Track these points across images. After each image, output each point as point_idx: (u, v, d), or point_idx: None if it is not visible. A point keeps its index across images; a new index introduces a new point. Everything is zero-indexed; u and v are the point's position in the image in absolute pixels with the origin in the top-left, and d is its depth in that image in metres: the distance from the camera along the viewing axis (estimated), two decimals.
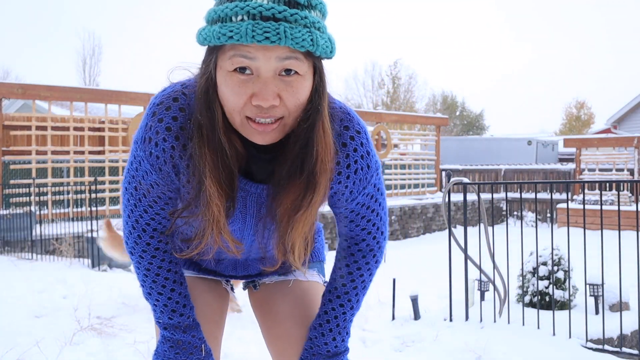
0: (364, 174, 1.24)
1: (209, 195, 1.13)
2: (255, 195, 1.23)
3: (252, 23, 1.00)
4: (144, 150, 1.18)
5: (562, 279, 4.37)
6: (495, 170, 16.55)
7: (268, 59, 1.03)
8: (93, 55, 29.76)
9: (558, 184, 13.25)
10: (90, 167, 9.55)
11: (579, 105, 39.71)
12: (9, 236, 7.21)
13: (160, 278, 1.30)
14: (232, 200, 1.18)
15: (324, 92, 1.12)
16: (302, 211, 1.17)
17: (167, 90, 1.19)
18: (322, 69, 1.12)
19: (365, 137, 1.24)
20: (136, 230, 1.27)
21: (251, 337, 3.54)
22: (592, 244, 3.92)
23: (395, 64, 37.86)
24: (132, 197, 1.24)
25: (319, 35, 1.05)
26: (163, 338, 1.33)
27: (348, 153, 1.21)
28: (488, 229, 4.03)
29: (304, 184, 1.14)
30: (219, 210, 1.15)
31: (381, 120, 13.70)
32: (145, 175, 1.20)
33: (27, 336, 3.40)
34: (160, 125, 1.15)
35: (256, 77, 1.05)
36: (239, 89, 1.05)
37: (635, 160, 13.57)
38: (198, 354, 1.32)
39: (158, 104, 1.17)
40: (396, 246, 10.82)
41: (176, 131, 1.15)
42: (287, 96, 1.06)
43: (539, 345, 3.53)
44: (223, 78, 1.06)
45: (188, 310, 1.32)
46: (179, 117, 1.15)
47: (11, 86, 8.96)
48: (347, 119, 1.22)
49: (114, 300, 4.47)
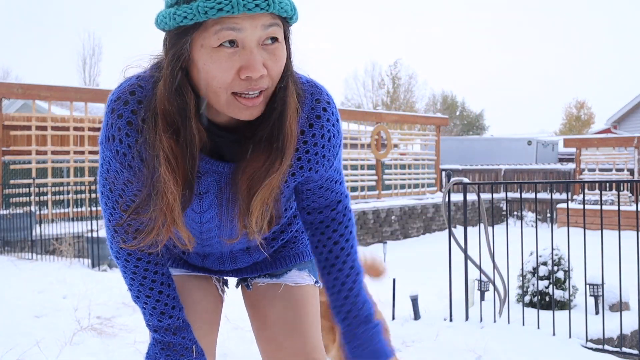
0: (336, 140, 1.27)
1: (164, 183, 1.10)
2: (229, 175, 1.21)
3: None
4: (110, 149, 1.15)
5: (562, 279, 4.37)
6: (495, 170, 16.55)
7: (254, 28, 1.03)
8: (93, 55, 29.79)
9: (558, 184, 13.25)
10: (90, 167, 9.54)
11: (579, 105, 39.73)
12: (9, 236, 7.20)
13: (147, 281, 1.29)
14: (190, 188, 1.15)
15: (292, 59, 1.16)
16: (269, 178, 1.16)
17: (122, 85, 1.16)
18: (290, 35, 1.14)
19: (334, 106, 1.27)
20: (118, 234, 1.24)
21: (251, 337, 3.54)
22: (592, 244, 3.91)
23: (395, 64, 37.91)
24: (109, 199, 1.22)
25: (293, 0, 1.09)
26: (154, 340, 1.31)
27: (322, 124, 1.24)
28: (488, 229, 4.03)
29: (274, 151, 1.15)
30: (175, 199, 1.12)
31: (381, 120, 13.69)
32: (117, 175, 1.18)
33: (27, 336, 3.40)
34: (120, 121, 1.13)
35: (242, 49, 1.04)
36: (226, 63, 1.04)
37: (635, 160, 13.57)
38: (189, 355, 1.31)
39: (115, 100, 1.14)
40: (396, 246, 10.82)
41: (137, 124, 1.12)
42: (272, 65, 1.07)
43: (539, 345, 3.54)
44: (208, 55, 1.04)
45: (177, 312, 1.31)
46: (138, 110, 1.12)
47: (11, 86, 8.96)
48: (317, 91, 1.25)
49: (114, 300, 4.47)
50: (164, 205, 1.12)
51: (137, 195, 1.18)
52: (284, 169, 1.18)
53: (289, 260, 1.50)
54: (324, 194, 1.34)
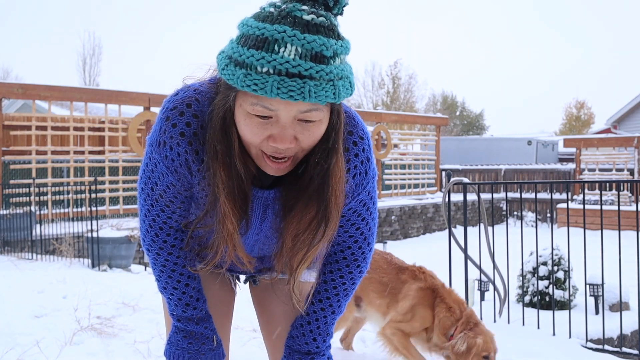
0: (360, 179, 1.24)
1: (224, 213, 1.15)
2: (262, 199, 1.24)
3: (277, 79, 0.99)
4: (159, 153, 1.19)
5: (562, 279, 4.37)
6: (495, 170, 16.55)
7: (289, 112, 1.04)
8: (93, 55, 29.76)
9: (558, 184, 13.25)
10: (90, 167, 9.55)
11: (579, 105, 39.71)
12: (9, 236, 7.20)
13: (175, 274, 1.34)
14: (246, 219, 1.20)
15: (340, 131, 1.13)
16: (316, 243, 1.19)
17: (179, 95, 1.19)
18: (339, 108, 1.12)
19: (367, 144, 1.24)
20: (153, 229, 1.30)
21: (250, 336, 3.54)
22: (592, 244, 3.91)
23: (395, 64, 37.88)
24: (149, 197, 1.27)
25: (341, 86, 1.05)
26: (176, 329, 1.37)
27: (349, 158, 1.22)
28: (488, 229, 4.03)
29: (317, 217, 1.16)
30: (234, 228, 1.17)
31: (381, 120, 13.70)
32: (162, 177, 1.22)
33: (27, 336, 3.39)
34: (174, 130, 1.17)
35: (275, 122, 1.05)
36: (257, 129, 1.06)
37: (635, 160, 13.57)
38: (210, 344, 1.37)
39: (172, 109, 1.18)
40: (396, 246, 10.82)
41: (189, 137, 1.17)
42: (304, 138, 1.07)
43: (539, 345, 3.53)
44: (242, 116, 1.07)
45: (201, 304, 1.36)
46: (192, 124, 1.16)
47: (11, 86, 8.96)
48: (352, 124, 1.23)
49: (114, 300, 4.47)
50: (225, 233, 1.18)
51: (176, 198, 1.24)
52: (330, 236, 1.19)
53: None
54: (337, 230, 1.31)
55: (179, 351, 1.36)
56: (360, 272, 1.38)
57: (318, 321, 1.38)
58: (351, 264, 1.36)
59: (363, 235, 1.33)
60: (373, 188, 1.30)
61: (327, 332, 1.40)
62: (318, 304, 1.38)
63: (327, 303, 1.37)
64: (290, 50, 0.99)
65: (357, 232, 1.33)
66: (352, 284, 1.38)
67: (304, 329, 1.38)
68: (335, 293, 1.37)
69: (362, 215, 1.31)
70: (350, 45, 1.10)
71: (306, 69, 0.99)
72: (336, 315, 1.40)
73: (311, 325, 1.38)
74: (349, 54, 1.09)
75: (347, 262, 1.36)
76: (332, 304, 1.38)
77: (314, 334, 1.38)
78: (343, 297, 1.38)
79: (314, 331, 1.38)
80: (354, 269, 1.36)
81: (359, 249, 1.35)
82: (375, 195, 1.32)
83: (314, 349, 1.38)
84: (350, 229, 1.32)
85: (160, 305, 4.54)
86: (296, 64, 0.99)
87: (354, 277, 1.37)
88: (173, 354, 1.37)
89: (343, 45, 1.06)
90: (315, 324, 1.38)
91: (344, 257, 1.35)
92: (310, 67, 1.00)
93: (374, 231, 1.36)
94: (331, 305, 1.38)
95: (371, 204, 1.31)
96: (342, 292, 1.38)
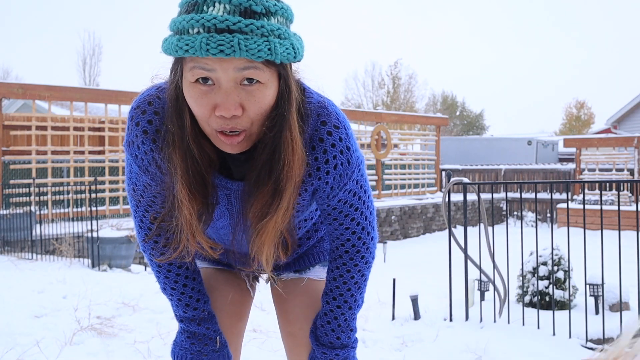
0: (343, 169, 1.22)
1: (180, 200, 1.15)
2: (238, 192, 1.23)
3: (206, 36, 0.99)
4: (130, 153, 1.21)
5: (562, 279, 4.36)
6: (495, 170, 16.55)
7: (226, 70, 1.02)
8: (93, 55, 29.77)
9: (558, 184, 13.25)
10: (90, 167, 9.55)
11: (579, 105, 39.71)
12: (9, 236, 7.20)
13: (171, 274, 1.34)
14: (205, 205, 1.19)
15: (290, 98, 1.11)
16: (267, 218, 1.16)
17: (143, 94, 1.21)
18: (287, 74, 1.10)
19: (344, 132, 1.21)
20: (142, 229, 1.31)
21: (253, 337, 3.54)
22: (592, 244, 3.91)
23: (395, 64, 37.90)
24: (133, 197, 1.29)
25: (277, 43, 1.03)
26: (181, 329, 1.39)
27: (326, 148, 1.19)
28: (488, 229, 4.03)
29: (271, 191, 1.14)
30: (191, 214, 1.16)
31: (381, 120, 13.69)
32: (138, 177, 1.24)
33: (27, 336, 3.39)
34: (138, 128, 1.18)
35: (217, 88, 1.04)
36: (201, 100, 1.05)
37: (635, 160, 13.57)
38: (213, 345, 1.37)
39: (135, 108, 1.20)
40: (396, 246, 10.82)
41: (152, 134, 1.18)
42: (250, 105, 1.05)
43: (539, 345, 3.53)
44: (187, 89, 1.07)
45: (202, 304, 1.36)
46: (154, 121, 1.18)
47: (11, 86, 8.95)
48: (325, 113, 1.20)
49: (114, 300, 4.47)
50: (182, 219, 1.17)
51: (157, 197, 1.24)
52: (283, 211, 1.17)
53: (312, 258, 1.53)
54: (332, 223, 1.32)
55: (182, 351, 1.38)
56: (365, 262, 1.37)
57: (337, 319, 1.38)
58: (355, 256, 1.35)
59: (360, 225, 1.32)
60: (361, 176, 1.27)
61: (350, 327, 1.40)
62: (333, 302, 1.38)
63: (342, 300, 1.37)
64: (218, 8, 1.00)
65: (352, 223, 1.31)
66: (361, 276, 1.37)
67: (325, 328, 1.39)
68: (347, 288, 1.37)
69: (355, 205, 1.29)
70: (292, 11, 1.08)
71: (234, 23, 0.99)
72: (354, 310, 1.39)
73: (331, 324, 1.38)
74: (290, 18, 1.08)
75: (350, 255, 1.34)
76: (347, 300, 1.38)
77: (336, 333, 1.39)
78: (356, 290, 1.38)
79: (336, 330, 1.38)
80: (359, 260, 1.35)
81: (359, 239, 1.33)
82: (366, 183, 1.30)
83: (339, 345, 1.39)
84: (345, 220, 1.30)
85: (161, 305, 4.56)
86: (223, 19, 0.99)
87: (361, 269, 1.37)
88: (177, 354, 1.38)
89: (277, 5, 1.05)
90: (335, 322, 1.38)
91: (346, 251, 1.34)
92: (238, 21, 0.99)
93: (371, 220, 1.34)
94: (346, 302, 1.38)
95: (362, 193, 1.29)
96: (354, 287, 1.37)
